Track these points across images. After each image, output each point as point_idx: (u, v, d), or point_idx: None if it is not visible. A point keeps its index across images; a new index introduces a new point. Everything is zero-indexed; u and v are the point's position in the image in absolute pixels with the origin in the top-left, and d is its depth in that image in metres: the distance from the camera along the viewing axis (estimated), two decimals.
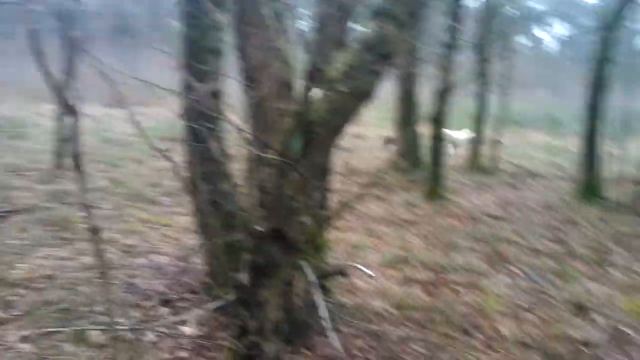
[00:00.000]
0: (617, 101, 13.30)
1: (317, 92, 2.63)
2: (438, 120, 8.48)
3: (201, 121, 3.45)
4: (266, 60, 3.16)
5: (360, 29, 2.75)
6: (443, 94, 8.27)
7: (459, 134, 12.80)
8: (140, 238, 5.39)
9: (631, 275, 5.23)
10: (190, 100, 3.41)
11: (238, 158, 3.49)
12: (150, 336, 3.26)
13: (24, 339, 3.15)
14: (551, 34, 38.95)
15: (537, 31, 36.42)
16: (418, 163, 10.45)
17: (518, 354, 3.37)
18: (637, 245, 6.11)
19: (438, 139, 8.47)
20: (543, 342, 3.57)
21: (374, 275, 4.59)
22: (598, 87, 8.43)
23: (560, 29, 38.03)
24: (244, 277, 2.87)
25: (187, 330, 3.36)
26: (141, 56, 17.64)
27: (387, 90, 10.88)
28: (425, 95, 10.47)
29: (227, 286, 3.21)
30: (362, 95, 2.62)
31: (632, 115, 11.95)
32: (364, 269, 4.27)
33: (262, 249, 2.78)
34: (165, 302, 3.80)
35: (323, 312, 3.09)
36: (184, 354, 3.15)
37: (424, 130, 9.72)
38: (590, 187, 8.49)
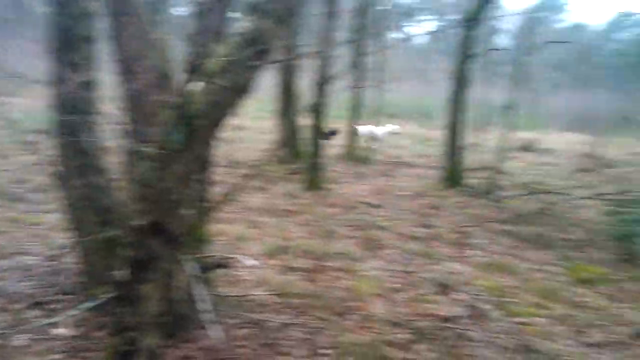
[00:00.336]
0: (478, 94, 14.67)
1: (196, 85, 2.66)
2: (317, 112, 8.76)
3: (74, 113, 3.29)
4: (143, 50, 3.09)
5: (239, 21, 2.80)
6: (321, 86, 8.54)
7: (380, 129, 13.22)
8: (6, 238, 5.00)
9: (488, 255, 5.86)
10: (62, 91, 3.24)
11: (114, 151, 3.39)
12: (20, 340, 3.08)
13: None
14: (421, 28, 41.46)
15: (408, 26, 38.56)
16: (298, 154, 10.68)
17: (388, 332, 3.66)
18: (492, 228, 6.84)
19: (317, 130, 8.75)
20: (411, 320, 3.91)
21: (254, 265, 4.72)
22: (460, 81, 9.20)
23: (430, 24, 40.63)
24: (122, 273, 2.82)
25: (61, 331, 3.22)
26: (13, 44, 15.98)
27: (269, 82, 11.00)
28: (305, 87, 10.72)
29: (104, 284, 3.12)
30: (241, 89, 2.68)
31: (491, 107, 13.23)
32: (246, 259, 4.38)
33: (141, 243, 2.75)
34: (36, 305, 3.59)
35: (205, 304, 3.14)
36: (57, 356, 3.03)
37: (304, 121, 9.96)
38: (453, 175, 9.28)
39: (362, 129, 12.77)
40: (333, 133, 12.67)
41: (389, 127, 13.69)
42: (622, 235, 5.82)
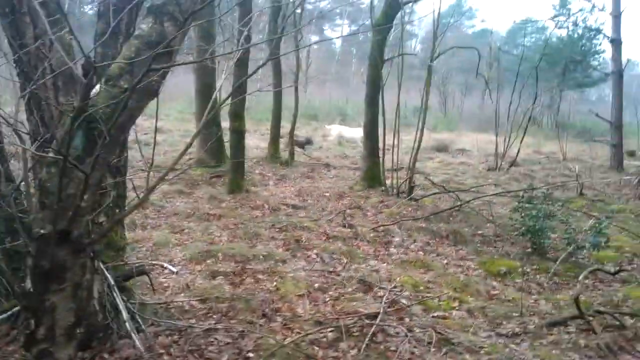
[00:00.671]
0: (394, 97, 15.16)
1: (99, 88, 2.58)
2: (238, 115, 8.69)
3: None
4: (44, 51, 2.94)
5: (142, 24, 2.75)
6: (240, 88, 8.46)
7: (351, 130, 12.93)
8: None
9: (406, 252, 6.08)
10: None
11: (18, 157, 3.20)
12: None
13: None
14: (338, 32, 42.29)
15: (327, 30, 39.20)
16: (221, 157, 10.53)
17: (312, 331, 3.71)
18: (411, 226, 7.09)
19: (238, 133, 8.68)
20: (335, 318, 3.98)
21: (177, 271, 4.61)
22: (375, 84, 9.46)
23: (346, 28, 41.54)
24: (28, 284, 2.67)
25: None
26: None
27: (189, 84, 10.79)
28: (226, 90, 10.59)
29: (11, 296, 2.94)
30: (144, 91, 2.63)
31: (407, 110, 13.71)
32: (167, 266, 4.26)
33: (46, 253, 2.61)
34: None
35: (124, 313, 3.04)
36: None
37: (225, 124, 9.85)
38: (372, 175, 9.54)
39: (333, 129, 12.61)
40: (309, 142, 12.52)
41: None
42: (529, 230, 6.23)
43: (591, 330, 4.15)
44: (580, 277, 4.73)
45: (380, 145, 9.67)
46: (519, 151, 13.70)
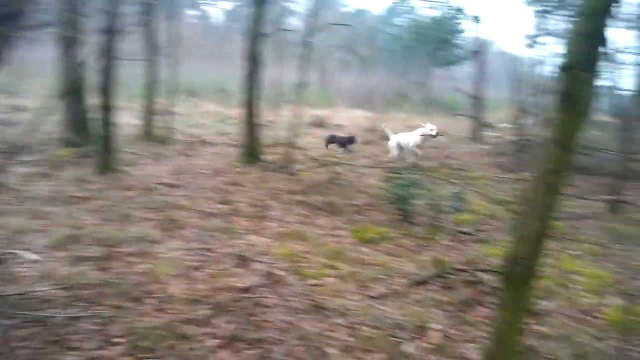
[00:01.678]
0: (273, 73, 15.16)
1: None
2: (106, 90, 8.17)
3: None
4: None
5: None
6: (109, 63, 7.97)
7: (415, 135, 10.76)
8: None
9: (284, 224, 6.18)
10: None
11: None
12: None
13: None
14: (217, 7, 41.13)
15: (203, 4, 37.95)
16: (89, 136, 9.83)
17: (187, 311, 3.67)
18: (288, 199, 7.21)
19: (107, 110, 8.17)
20: (210, 295, 3.96)
21: (37, 259, 4.30)
22: (253, 60, 9.39)
23: (226, 4, 40.52)
24: None
25: None
26: None
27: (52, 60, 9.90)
28: (92, 65, 9.87)
29: None
30: None
31: (285, 86, 13.78)
32: (26, 253, 3.95)
33: None
34: None
35: None
36: None
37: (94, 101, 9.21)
38: (251, 151, 9.52)
39: (392, 140, 10.70)
40: (351, 141, 11.57)
41: (422, 130, 10.70)
42: (397, 198, 6.63)
43: (451, 287, 4.57)
44: (442, 239, 5.17)
45: (259, 120, 9.65)
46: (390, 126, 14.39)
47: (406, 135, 10.86)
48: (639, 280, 4.91)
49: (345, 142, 11.84)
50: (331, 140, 12.10)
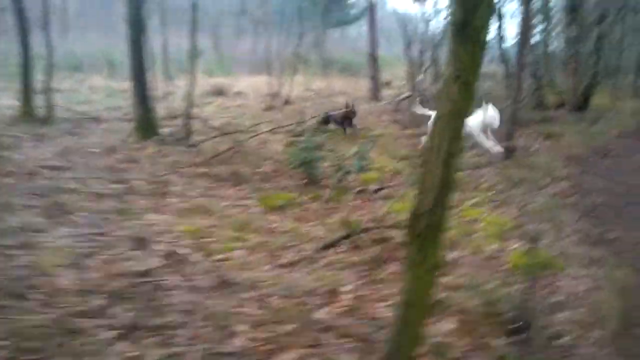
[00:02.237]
0: (163, 41, 14.32)
1: None
2: None
3: None
4: None
5: None
6: None
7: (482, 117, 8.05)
8: None
9: (186, 199, 5.84)
10: None
11: None
12: None
13: None
14: None
15: None
16: None
17: (79, 303, 3.31)
18: (189, 173, 6.85)
19: None
20: (105, 284, 3.61)
21: None
22: (136, 26, 8.70)
23: None
24: None
25: None
26: None
27: None
28: None
29: None
30: None
31: (179, 54, 13.08)
32: None
33: None
34: None
35: None
36: None
37: None
38: (146, 126, 8.92)
39: (472, 121, 7.78)
40: (350, 115, 9.79)
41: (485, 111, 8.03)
42: (301, 162, 6.49)
43: (361, 247, 4.53)
44: (349, 200, 5.11)
45: (152, 92, 9.04)
46: (290, 90, 14.20)
47: None
48: (537, 223, 5.15)
49: (343, 119, 9.98)
50: (327, 120, 10.21)
